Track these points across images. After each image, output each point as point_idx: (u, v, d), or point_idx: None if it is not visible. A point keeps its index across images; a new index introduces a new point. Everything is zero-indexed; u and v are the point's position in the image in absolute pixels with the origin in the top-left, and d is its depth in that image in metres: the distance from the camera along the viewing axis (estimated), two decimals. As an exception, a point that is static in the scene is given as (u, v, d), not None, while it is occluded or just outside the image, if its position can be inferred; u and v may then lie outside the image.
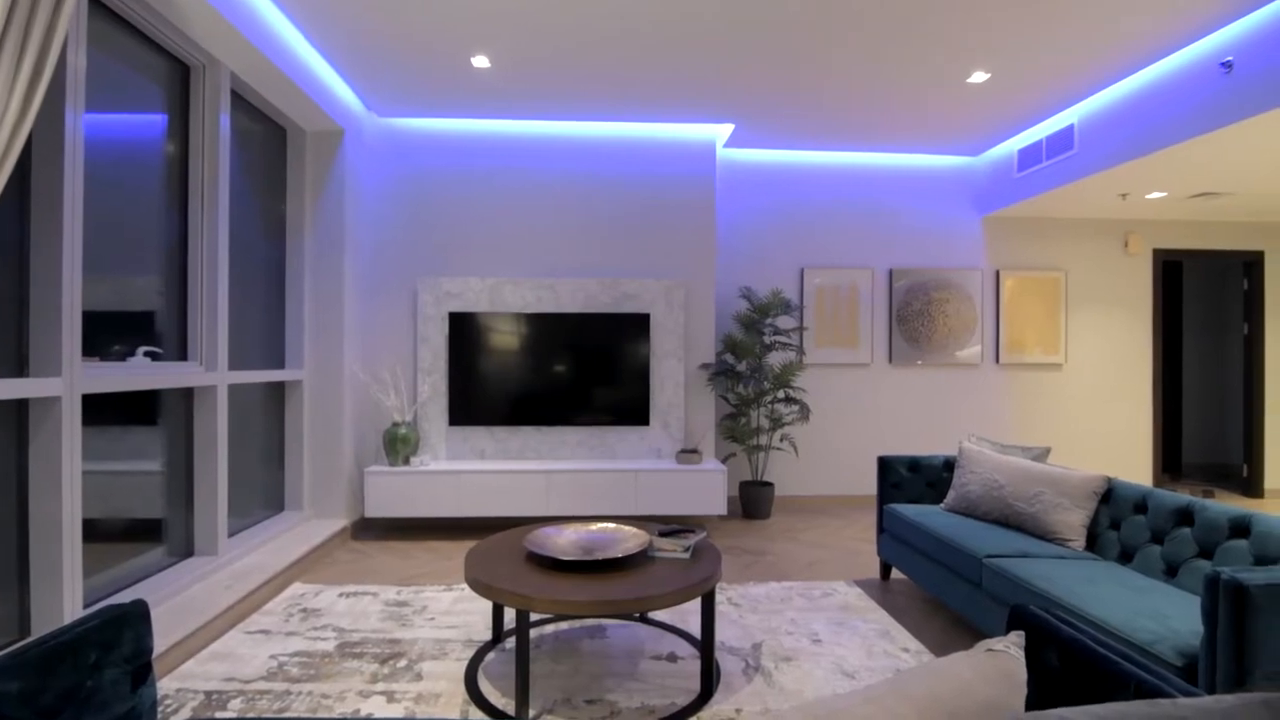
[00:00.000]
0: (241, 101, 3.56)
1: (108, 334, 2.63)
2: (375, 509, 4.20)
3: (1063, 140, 4.51)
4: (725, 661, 2.52)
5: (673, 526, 2.64)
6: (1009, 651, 1.01)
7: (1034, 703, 1.23)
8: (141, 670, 1.31)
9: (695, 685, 2.33)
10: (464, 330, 4.55)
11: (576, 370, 4.62)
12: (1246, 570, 1.63)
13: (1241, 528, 2.20)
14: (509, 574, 2.23)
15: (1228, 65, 3.36)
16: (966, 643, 2.74)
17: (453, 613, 3.00)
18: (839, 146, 5.25)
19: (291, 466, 4.10)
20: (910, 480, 3.56)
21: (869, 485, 5.44)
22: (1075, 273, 5.66)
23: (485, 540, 2.63)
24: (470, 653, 2.59)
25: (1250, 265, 5.85)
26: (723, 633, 2.79)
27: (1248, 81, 3.26)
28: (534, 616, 2.92)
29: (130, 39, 2.73)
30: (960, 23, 3.33)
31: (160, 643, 2.38)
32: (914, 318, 5.45)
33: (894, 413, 5.48)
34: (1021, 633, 1.12)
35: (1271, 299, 5.83)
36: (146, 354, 2.80)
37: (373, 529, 4.49)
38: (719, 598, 3.20)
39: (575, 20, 3.33)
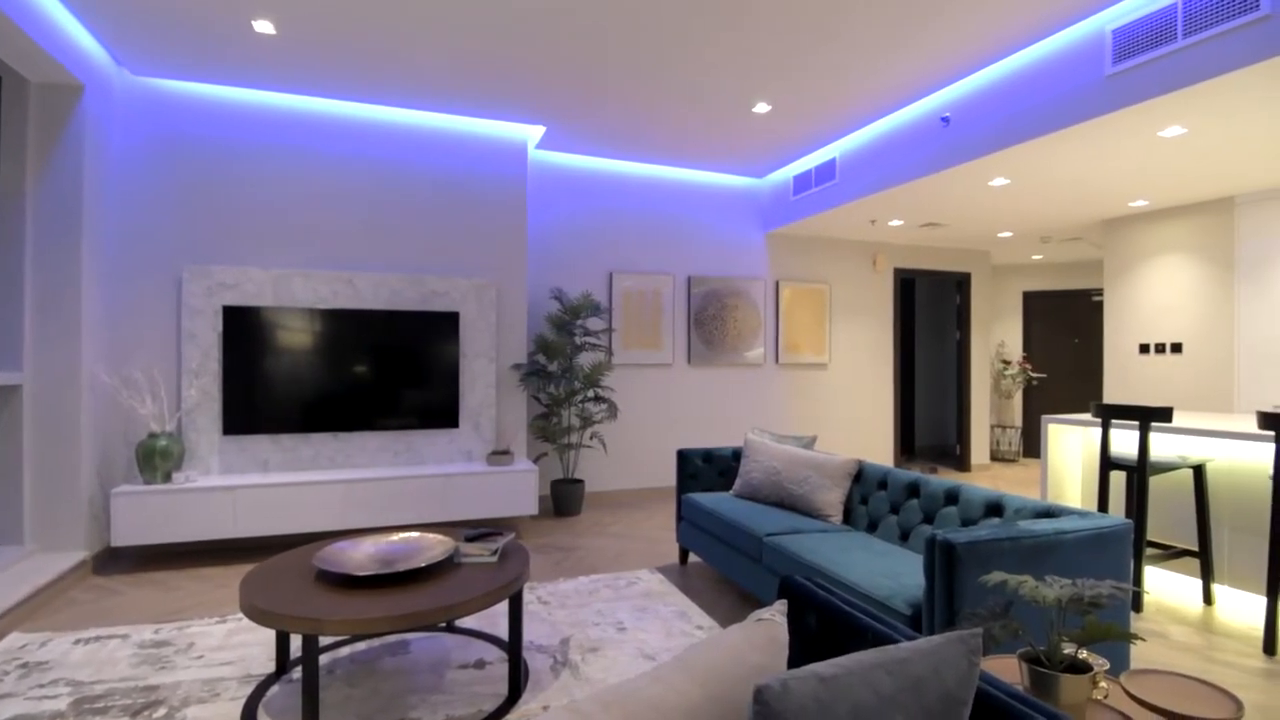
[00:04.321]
0: (-76, 37, 2.84)
1: None
2: (125, 536, 3.58)
3: (827, 171, 5.21)
4: (534, 660, 2.56)
5: (480, 530, 2.62)
6: (774, 619, 1.18)
7: (797, 661, 1.43)
8: None
9: (503, 689, 2.34)
10: (243, 326, 4.05)
11: (379, 371, 4.34)
12: (955, 531, 2.03)
13: (953, 497, 2.74)
14: (294, 596, 2.06)
15: (946, 120, 4.13)
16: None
17: (227, 647, 2.68)
18: (646, 159, 5.54)
19: (7, 491, 3.35)
20: (705, 470, 3.88)
21: (671, 477, 5.82)
22: (837, 285, 6.57)
23: (267, 561, 2.39)
24: (248, 690, 2.34)
25: (960, 284, 7.24)
26: (532, 632, 2.83)
27: (959, 135, 4.04)
28: (326, 639, 2.72)
29: None
30: (744, 54, 3.70)
31: None
32: (709, 322, 5.94)
33: (692, 409, 5.92)
34: (785, 601, 1.31)
35: (975, 311, 7.27)
36: None
37: (123, 560, 3.83)
38: (529, 597, 3.24)
39: None
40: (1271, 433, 2.88)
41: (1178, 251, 5.18)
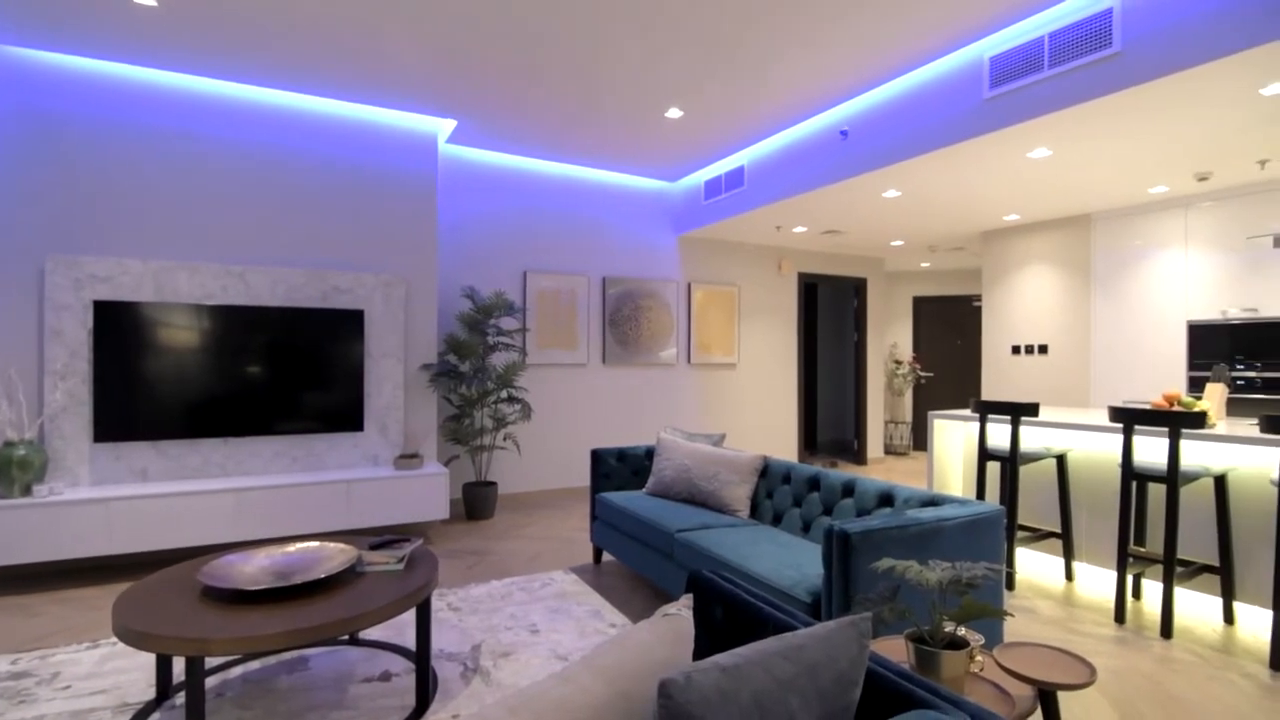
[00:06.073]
0: None
1: None
2: (-29, 558, 3.21)
3: (737, 177, 5.38)
4: (443, 669, 2.51)
5: (386, 537, 2.54)
6: (680, 614, 1.22)
7: (704, 653, 1.48)
8: None
9: (410, 700, 2.28)
10: (118, 323, 3.71)
11: (276, 372, 4.09)
12: (850, 521, 2.15)
13: (849, 489, 2.90)
14: (175, 615, 1.92)
15: (845, 134, 4.36)
16: (663, 610, 3.13)
17: (99, 675, 2.46)
18: (561, 158, 5.51)
19: None
20: (618, 469, 3.92)
21: (586, 477, 5.82)
22: (745, 288, 6.80)
23: (144, 580, 2.22)
24: None
25: (858, 288, 7.67)
26: (441, 640, 2.76)
27: (856, 148, 4.28)
28: (215, 660, 2.54)
29: None
30: (657, 60, 3.76)
31: None
32: (624, 322, 5.99)
33: (607, 408, 5.95)
34: (691, 595, 1.36)
35: (871, 314, 7.71)
36: None
37: (-33, 584, 3.42)
38: (439, 604, 3.16)
39: (270, -19, 2.96)
40: (1120, 425, 3.24)
41: (1044, 262, 5.71)
